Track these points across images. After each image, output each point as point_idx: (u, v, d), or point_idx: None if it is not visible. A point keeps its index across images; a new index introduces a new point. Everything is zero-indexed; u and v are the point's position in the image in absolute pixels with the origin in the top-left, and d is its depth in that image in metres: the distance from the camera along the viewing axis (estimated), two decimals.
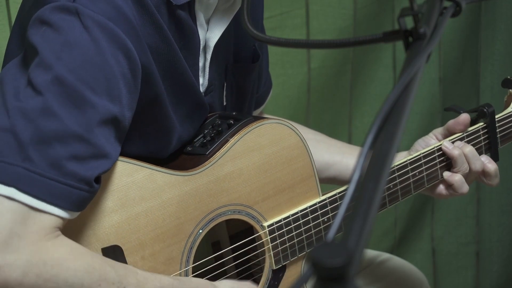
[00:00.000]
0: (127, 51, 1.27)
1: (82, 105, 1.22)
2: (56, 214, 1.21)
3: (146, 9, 1.32)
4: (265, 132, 1.48)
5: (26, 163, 1.19)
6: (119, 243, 1.33)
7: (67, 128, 1.21)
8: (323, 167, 1.72)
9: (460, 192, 1.66)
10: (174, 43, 1.37)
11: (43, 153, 1.20)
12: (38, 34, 1.25)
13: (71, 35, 1.24)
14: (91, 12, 1.25)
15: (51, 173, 1.20)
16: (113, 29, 1.25)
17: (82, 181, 1.22)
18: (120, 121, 1.28)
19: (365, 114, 2.55)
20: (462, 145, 1.65)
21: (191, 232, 1.40)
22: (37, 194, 1.19)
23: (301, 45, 1.47)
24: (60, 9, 1.25)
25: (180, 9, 1.38)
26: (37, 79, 1.22)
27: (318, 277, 0.67)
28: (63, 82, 1.22)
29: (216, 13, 1.46)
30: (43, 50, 1.24)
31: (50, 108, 1.21)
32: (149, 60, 1.32)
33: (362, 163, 0.76)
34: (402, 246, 2.70)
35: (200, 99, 1.46)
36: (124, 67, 1.27)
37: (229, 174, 1.44)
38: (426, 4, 0.94)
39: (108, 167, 1.27)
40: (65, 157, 1.21)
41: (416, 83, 0.84)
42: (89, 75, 1.24)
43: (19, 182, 1.19)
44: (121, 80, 1.26)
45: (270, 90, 1.79)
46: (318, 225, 1.54)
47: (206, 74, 1.49)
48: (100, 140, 1.24)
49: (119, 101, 1.26)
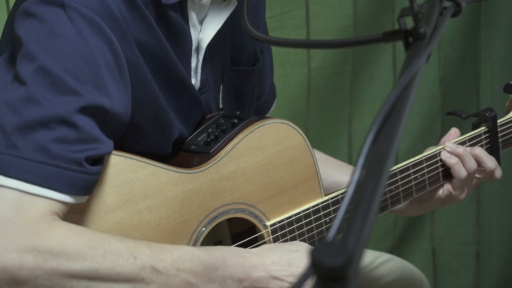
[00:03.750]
0: (111, 45, 1.26)
1: (67, 92, 1.22)
2: (50, 197, 1.19)
3: (135, 6, 1.31)
4: (268, 131, 1.48)
5: (11, 150, 1.18)
6: None
7: (51, 113, 1.20)
8: (331, 186, 1.71)
9: (459, 191, 1.66)
10: (164, 39, 1.36)
11: (28, 138, 1.19)
12: (23, 26, 1.26)
13: (56, 26, 1.24)
14: (76, 4, 1.25)
15: (37, 156, 1.19)
16: (97, 22, 1.25)
17: (71, 162, 1.20)
18: (110, 113, 1.26)
19: (365, 114, 2.55)
20: (457, 147, 1.65)
21: (194, 230, 1.40)
22: (25, 178, 1.18)
23: (301, 45, 1.47)
24: (45, 1, 1.25)
25: (171, 9, 1.37)
26: (21, 71, 1.22)
27: (318, 277, 0.67)
28: (47, 72, 1.21)
29: (209, 14, 1.45)
30: (28, 42, 1.24)
31: (34, 96, 1.20)
32: (136, 56, 1.31)
33: (362, 163, 0.76)
34: (402, 246, 2.70)
35: (195, 96, 1.46)
36: (109, 60, 1.26)
37: (232, 173, 1.44)
38: (426, 4, 0.94)
39: (100, 152, 1.25)
40: (50, 140, 1.19)
41: (416, 83, 0.84)
42: (74, 65, 1.23)
43: (6, 169, 1.18)
44: (107, 73, 1.26)
45: (274, 101, 1.78)
46: (321, 225, 1.54)
47: (199, 75, 1.48)
48: (85, 125, 1.22)
49: (106, 93, 1.25)
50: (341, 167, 1.77)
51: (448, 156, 1.64)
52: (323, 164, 1.65)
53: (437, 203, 1.70)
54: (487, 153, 1.66)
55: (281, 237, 1.50)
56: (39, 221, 1.18)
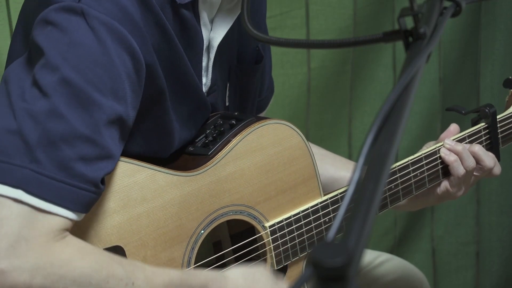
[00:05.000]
0: (132, 51, 1.27)
1: (89, 106, 1.23)
2: (64, 215, 1.21)
3: (150, 9, 1.32)
4: (267, 132, 1.48)
5: (34, 165, 1.19)
6: (121, 244, 1.33)
7: (74, 130, 1.21)
8: (328, 181, 1.71)
9: (457, 188, 1.66)
10: (177, 43, 1.37)
11: (51, 154, 1.20)
12: (43, 35, 1.25)
13: (76, 36, 1.24)
14: (96, 12, 1.25)
15: (59, 174, 1.20)
16: (118, 29, 1.25)
17: (89, 183, 1.22)
18: (125, 120, 1.28)
19: (365, 114, 2.55)
20: (456, 145, 1.65)
21: (192, 232, 1.40)
22: (45, 196, 1.19)
23: (301, 45, 1.47)
24: (65, 9, 1.25)
25: (184, 8, 1.38)
26: (43, 80, 1.22)
27: (318, 277, 0.67)
28: (69, 83, 1.22)
29: (219, 13, 1.46)
30: (49, 51, 1.24)
31: (57, 110, 1.21)
32: (153, 60, 1.32)
33: (362, 163, 0.76)
34: (402, 246, 2.70)
35: (202, 99, 1.46)
36: (129, 67, 1.27)
37: (231, 175, 1.44)
38: (426, 4, 0.94)
39: (112, 168, 1.27)
40: (72, 158, 1.21)
41: (416, 83, 0.84)
42: (95, 75, 1.24)
43: (27, 184, 1.18)
44: (126, 80, 1.27)
45: (272, 95, 1.79)
46: (320, 225, 1.54)
47: (209, 74, 1.49)
48: (106, 141, 1.24)
49: (124, 101, 1.27)
50: (338, 162, 1.77)
51: (447, 153, 1.64)
52: (320, 159, 1.65)
53: (434, 199, 1.70)
54: (486, 151, 1.66)
55: (280, 238, 1.50)
56: (51, 239, 1.19)
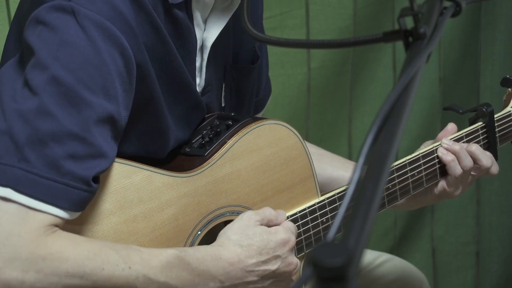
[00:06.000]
0: (123, 50, 1.26)
1: (79, 104, 1.22)
2: (54, 213, 1.21)
3: (143, 9, 1.31)
4: (263, 133, 1.48)
5: (23, 164, 1.19)
6: None
7: (64, 128, 1.21)
8: (325, 181, 1.71)
9: (455, 187, 1.66)
10: (171, 42, 1.36)
11: (40, 153, 1.20)
12: (34, 34, 1.25)
13: (67, 35, 1.24)
14: (87, 11, 1.24)
15: (48, 173, 1.20)
16: (109, 28, 1.25)
17: (80, 181, 1.22)
18: (117, 120, 1.27)
19: (365, 114, 2.55)
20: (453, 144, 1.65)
21: (189, 233, 1.40)
22: (34, 194, 1.19)
23: (301, 45, 1.47)
24: (56, 8, 1.25)
25: (177, 8, 1.38)
26: (33, 80, 1.22)
27: (318, 277, 0.67)
28: (59, 82, 1.22)
29: (213, 13, 1.46)
30: (40, 50, 1.24)
31: (46, 108, 1.21)
32: (145, 59, 1.32)
33: (362, 163, 0.76)
34: (402, 246, 2.70)
35: (196, 99, 1.46)
36: (120, 66, 1.26)
37: (227, 175, 1.44)
38: (426, 4, 0.94)
39: (106, 167, 1.26)
40: (62, 156, 1.20)
41: (416, 83, 0.84)
42: (86, 74, 1.23)
43: (16, 182, 1.19)
44: (117, 79, 1.26)
45: (269, 95, 1.79)
46: (317, 225, 1.53)
47: (203, 74, 1.48)
48: (97, 139, 1.24)
49: (116, 100, 1.26)
50: (336, 162, 1.77)
51: (444, 153, 1.64)
52: (318, 159, 1.65)
53: (432, 198, 1.70)
54: (483, 150, 1.66)
55: None
56: (41, 234, 1.19)
